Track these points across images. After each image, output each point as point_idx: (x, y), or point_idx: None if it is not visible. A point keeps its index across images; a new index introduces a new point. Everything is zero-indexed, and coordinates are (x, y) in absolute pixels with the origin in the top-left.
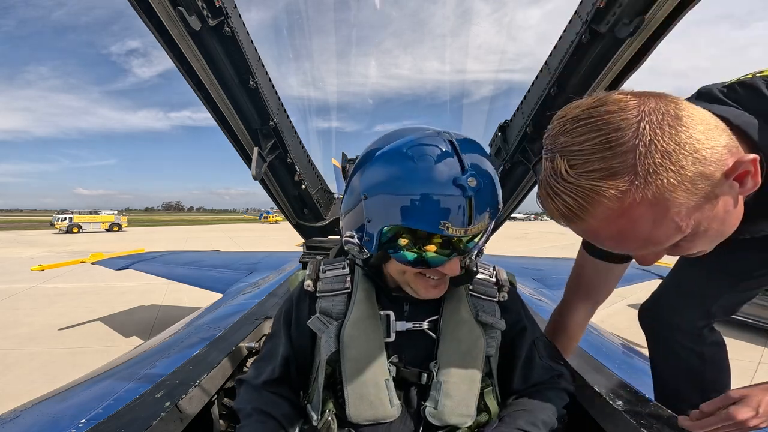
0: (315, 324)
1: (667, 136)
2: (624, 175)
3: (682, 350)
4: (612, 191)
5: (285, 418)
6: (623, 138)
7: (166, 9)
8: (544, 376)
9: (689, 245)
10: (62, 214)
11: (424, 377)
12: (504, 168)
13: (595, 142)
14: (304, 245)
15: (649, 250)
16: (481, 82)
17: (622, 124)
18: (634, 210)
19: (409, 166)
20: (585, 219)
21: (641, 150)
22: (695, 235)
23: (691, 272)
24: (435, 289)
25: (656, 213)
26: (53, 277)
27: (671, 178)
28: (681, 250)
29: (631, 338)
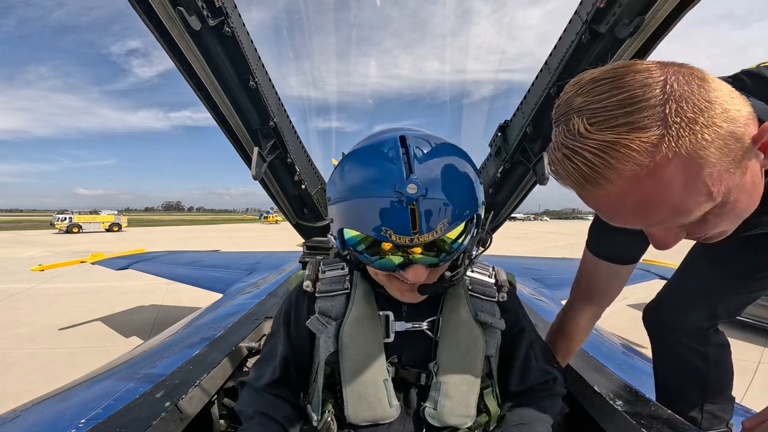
0: (314, 324)
1: (697, 93)
2: (654, 128)
3: (686, 351)
4: (642, 143)
5: (286, 420)
6: (650, 93)
7: (166, 9)
8: (540, 378)
9: (716, 220)
10: (62, 214)
11: (424, 378)
12: (504, 168)
13: (619, 98)
14: (304, 245)
15: (676, 221)
16: (481, 82)
17: (648, 80)
18: (665, 168)
19: (354, 172)
20: (609, 180)
21: (671, 105)
22: (724, 207)
23: (698, 272)
24: (409, 293)
25: (689, 173)
26: (53, 277)
27: (706, 133)
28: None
29: (631, 338)
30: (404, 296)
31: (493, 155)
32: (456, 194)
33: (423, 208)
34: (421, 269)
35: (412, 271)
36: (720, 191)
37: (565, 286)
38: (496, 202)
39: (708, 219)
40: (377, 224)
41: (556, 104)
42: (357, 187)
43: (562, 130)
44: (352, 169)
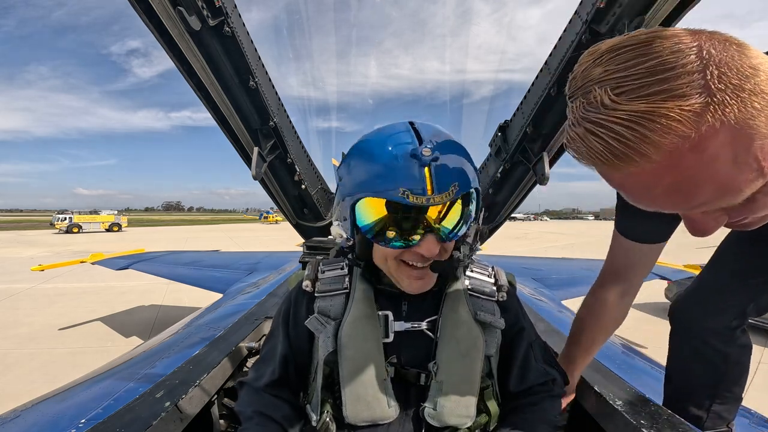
0: (313, 324)
1: (738, 58)
2: (695, 96)
3: (709, 351)
4: (684, 112)
5: (285, 420)
6: (686, 59)
7: (166, 9)
8: (539, 379)
9: (765, 200)
10: (62, 214)
11: (423, 378)
12: (504, 168)
13: (648, 65)
14: (304, 245)
15: (722, 202)
16: (481, 82)
17: (680, 46)
18: (712, 140)
19: (372, 145)
20: (645, 155)
21: (712, 70)
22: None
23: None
24: (418, 281)
25: (738, 145)
26: (53, 277)
27: (755, 101)
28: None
29: (631, 338)
30: (413, 284)
31: (493, 155)
32: (462, 164)
33: (436, 170)
34: (433, 242)
35: (426, 244)
36: (763, 166)
37: (565, 286)
38: (496, 202)
39: (756, 199)
40: (396, 185)
41: (570, 78)
42: (375, 155)
43: (581, 104)
44: (368, 146)
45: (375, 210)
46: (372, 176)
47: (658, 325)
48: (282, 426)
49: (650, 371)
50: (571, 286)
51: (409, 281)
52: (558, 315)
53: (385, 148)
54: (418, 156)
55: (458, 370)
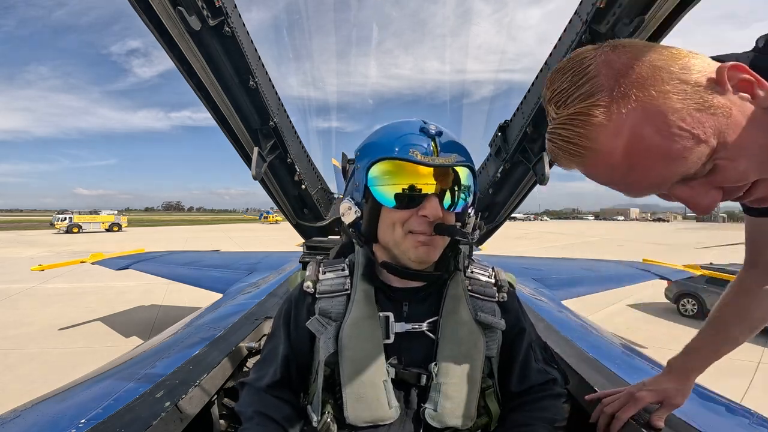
0: (314, 325)
1: (630, 52)
2: (601, 91)
3: None
4: (595, 106)
5: (286, 421)
6: (590, 65)
7: (166, 9)
8: (540, 379)
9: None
10: (62, 214)
11: (424, 379)
12: (504, 168)
13: (569, 79)
14: (304, 245)
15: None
16: (481, 82)
17: (587, 58)
18: (626, 123)
19: (387, 127)
20: (586, 147)
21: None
22: (727, 148)
23: None
24: (424, 247)
25: (654, 122)
26: (53, 277)
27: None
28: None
29: (631, 338)
30: (419, 251)
31: (493, 155)
32: (462, 144)
33: (440, 141)
34: (437, 205)
35: (431, 203)
36: (708, 133)
37: (565, 286)
38: (496, 202)
39: (719, 164)
40: (406, 147)
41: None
42: (390, 131)
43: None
44: (383, 128)
45: (387, 172)
46: (387, 143)
47: (658, 325)
48: (282, 426)
49: (650, 371)
50: (571, 286)
51: (416, 249)
52: (558, 315)
53: (399, 127)
54: (426, 129)
55: (459, 371)
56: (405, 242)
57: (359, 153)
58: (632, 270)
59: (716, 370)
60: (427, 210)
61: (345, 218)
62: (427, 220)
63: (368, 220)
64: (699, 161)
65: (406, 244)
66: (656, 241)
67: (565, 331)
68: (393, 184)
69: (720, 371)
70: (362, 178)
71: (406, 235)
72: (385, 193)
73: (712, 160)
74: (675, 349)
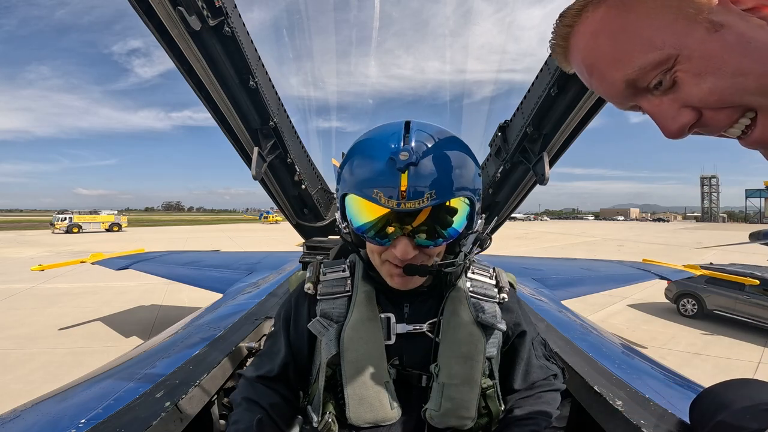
0: (315, 327)
1: None
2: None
3: None
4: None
5: (272, 408)
6: None
7: (166, 9)
8: (542, 375)
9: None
10: (62, 214)
11: (425, 379)
12: (504, 168)
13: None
14: (304, 245)
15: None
16: (482, 82)
17: None
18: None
19: (363, 146)
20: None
21: None
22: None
23: None
24: (398, 277)
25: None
26: (53, 277)
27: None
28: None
29: (631, 338)
30: (393, 280)
31: (493, 155)
32: (447, 171)
33: (411, 175)
34: (407, 245)
35: (400, 246)
36: (666, 42)
37: (565, 286)
38: (496, 202)
39: (678, 77)
40: (371, 186)
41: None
42: (359, 156)
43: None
44: (359, 145)
45: (359, 206)
46: (356, 175)
47: (658, 325)
48: (267, 413)
49: (650, 371)
50: (571, 286)
51: (391, 277)
52: (558, 315)
53: (372, 150)
54: (396, 160)
55: (459, 371)
56: (383, 270)
57: (339, 169)
58: (632, 270)
59: (719, 370)
60: (396, 251)
61: (340, 228)
62: (398, 258)
63: (354, 237)
64: (649, 68)
65: (383, 272)
66: (656, 241)
67: (565, 331)
68: (363, 218)
69: (722, 371)
70: (339, 205)
71: (384, 263)
72: (358, 225)
73: (672, 72)
74: (675, 349)
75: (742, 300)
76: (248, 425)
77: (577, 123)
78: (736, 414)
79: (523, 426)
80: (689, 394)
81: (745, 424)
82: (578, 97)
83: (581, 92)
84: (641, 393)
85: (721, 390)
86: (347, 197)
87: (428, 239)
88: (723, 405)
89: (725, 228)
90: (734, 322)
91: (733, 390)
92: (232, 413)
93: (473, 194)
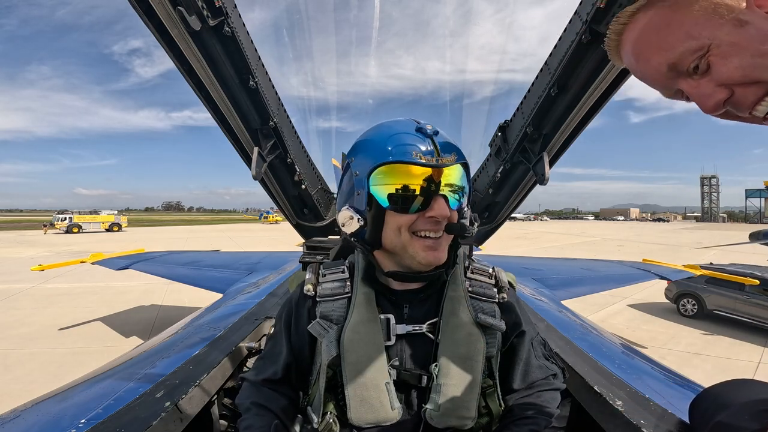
0: (315, 329)
1: None
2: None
3: None
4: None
5: (283, 412)
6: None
7: (166, 9)
8: (541, 375)
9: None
10: (62, 214)
11: (425, 380)
12: (504, 168)
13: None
14: (304, 245)
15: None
16: (482, 82)
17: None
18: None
19: (382, 128)
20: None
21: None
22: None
23: None
24: (432, 251)
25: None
26: (53, 277)
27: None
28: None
29: (631, 338)
30: (428, 256)
31: (493, 155)
32: (456, 142)
33: (439, 140)
34: (444, 204)
35: (438, 204)
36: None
37: (565, 286)
38: (496, 202)
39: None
40: (409, 150)
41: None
42: (387, 133)
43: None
44: (378, 129)
45: (391, 177)
46: (387, 147)
47: (657, 325)
48: (279, 417)
49: (650, 371)
50: (571, 286)
51: (425, 252)
52: (558, 315)
53: (393, 128)
54: (424, 129)
55: (459, 371)
56: (412, 245)
57: (354, 158)
58: (632, 270)
59: (719, 370)
60: (435, 211)
61: (347, 228)
62: (436, 221)
63: (373, 226)
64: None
65: (414, 248)
66: (656, 241)
67: (565, 331)
68: (398, 188)
69: (721, 371)
70: (364, 185)
71: (413, 238)
72: (391, 198)
73: (706, 58)
74: (675, 349)
75: (742, 300)
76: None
77: (577, 123)
78: (736, 414)
79: (523, 425)
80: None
81: (744, 424)
82: (578, 97)
83: (581, 92)
84: (641, 393)
85: (721, 390)
86: (377, 170)
87: (456, 200)
88: (723, 405)
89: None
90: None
91: (732, 390)
92: (243, 419)
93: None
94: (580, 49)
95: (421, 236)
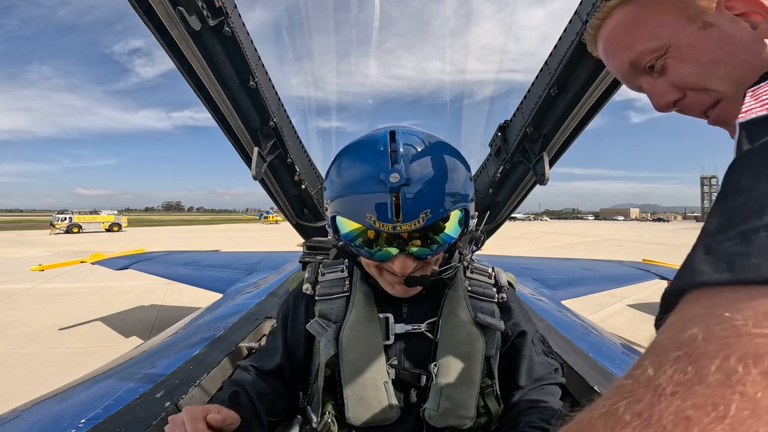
0: (314, 327)
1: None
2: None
3: None
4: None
5: (258, 395)
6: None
7: (166, 9)
8: (545, 370)
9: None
10: (62, 214)
11: (424, 379)
12: (504, 168)
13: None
14: (304, 245)
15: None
16: (482, 82)
17: None
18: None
19: (346, 165)
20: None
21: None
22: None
23: None
24: (399, 286)
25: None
26: (53, 277)
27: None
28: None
29: (631, 338)
30: (395, 289)
31: (493, 155)
32: (440, 186)
33: (405, 197)
34: (407, 260)
35: (399, 262)
36: (663, 35)
37: (565, 286)
38: (496, 202)
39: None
40: (363, 212)
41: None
42: (347, 177)
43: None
44: (345, 161)
45: (351, 228)
46: (345, 198)
47: None
48: (251, 397)
49: None
50: (571, 286)
51: (391, 286)
52: (558, 315)
53: (358, 169)
54: (386, 182)
55: (458, 371)
56: (381, 279)
57: (325, 186)
58: (632, 270)
59: None
60: (395, 266)
61: (330, 236)
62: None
63: (348, 250)
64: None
65: (382, 281)
66: (656, 241)
67: (565, 331)
68: (356, 239)
69: None
70: (330, 223)
71: (382, 272)
72: (351, 244)
73: (663, 59)
74: None
75: None
76: (221, 399)
77: (577, 123)
78: None
79: (531, 416)
80: None
81: None
82: (578, 97)
83: (581, 92)
84: None
85: None
86: (338, 218)
87: (423, 247)
88: None
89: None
90: None
91: None
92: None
93: (466, 202)
94: (580, 49)
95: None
